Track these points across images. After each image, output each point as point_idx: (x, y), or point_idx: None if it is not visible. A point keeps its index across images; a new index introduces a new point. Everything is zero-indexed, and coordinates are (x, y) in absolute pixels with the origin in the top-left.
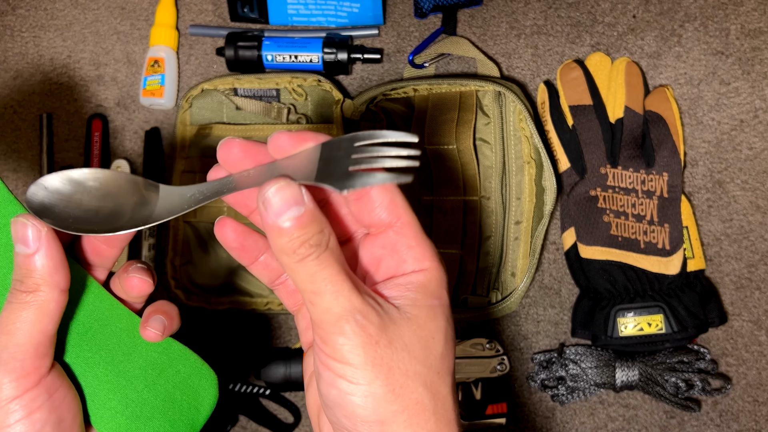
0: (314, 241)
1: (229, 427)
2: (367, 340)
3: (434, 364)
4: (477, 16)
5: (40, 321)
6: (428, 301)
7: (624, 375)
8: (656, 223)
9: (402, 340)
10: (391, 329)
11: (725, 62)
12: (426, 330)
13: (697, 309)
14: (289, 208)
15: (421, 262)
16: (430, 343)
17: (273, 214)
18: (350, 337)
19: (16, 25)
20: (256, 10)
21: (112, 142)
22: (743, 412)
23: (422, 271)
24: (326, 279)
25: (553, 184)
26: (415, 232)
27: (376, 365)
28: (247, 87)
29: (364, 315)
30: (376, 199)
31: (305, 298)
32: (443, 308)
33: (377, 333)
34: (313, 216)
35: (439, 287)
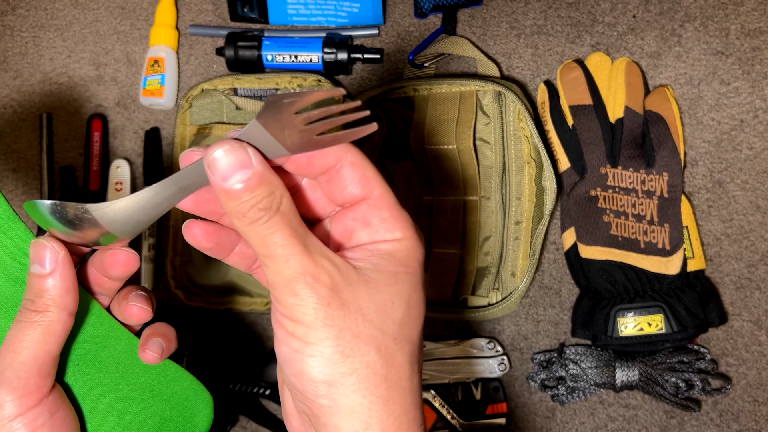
0: (264, 204)
1: (229, 427)
2: (318, 301)
3: (390, 329)
4: (477, 16)
5: (46, 341)
6: (392, 268)
7: (624, 375)
8: (656, 223)
9: (356, 302)
10: (345, 291)
11: (725, 62)
12: (384, 294)
13: (697, 309)
14: (236, 171)
15: (393, 233)
16: (387, 307)
17: (220, 177)
18: (301, 298)
19: (16, 24)
20: (256, 10)
21: (111, 142)
22: (743, 412)
23: (393, 241)
24: (277, 243)
25: (553, 184)
26: (389, 204)
27: (326, 326)
28: (247, 87)
29: (315, 277)
30: (347, 176)
31: (260, 260)
32: (409, 276)
33: (329, 294)
34: (261, 178)
35: (409, 257)
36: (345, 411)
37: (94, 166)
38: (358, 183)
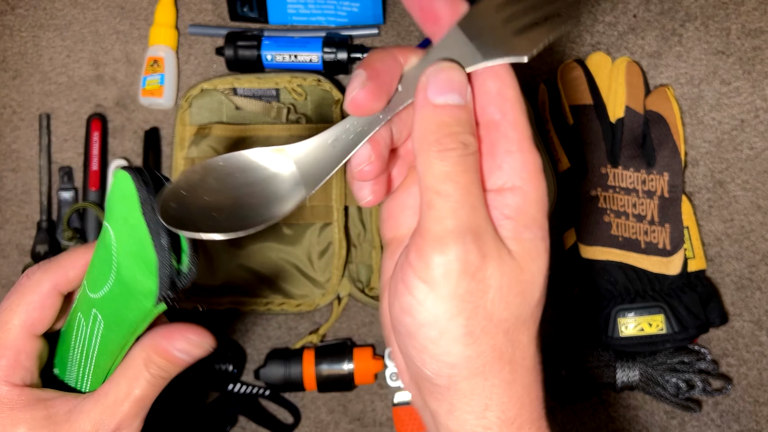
0: (463, 138)
1: (228, 427)
2: (465, 269)
3: (524, 312)
4: None
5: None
6: (528, 233)
7: (624, 375)
8: (657, 223)
9: (500, 280)
10: (493, 265)
11: (726, 62)
12: (527, 274)
13: (697, 309)
14: (452, 91)
15: (519, 174)
16: (527, 289)
17: (432, 91)
18: (450, 260)
19: (16, 24)
20: (255, 9)
21: (111, 141)
22: (744, 413)
23: (518, 189)
24: (459, 184)
25: (553, 184)
26: (521, 135)
27: (463, 300)
28: (246, 87)
29: (475, 240)
30: (484, 89)
31: (424, 197)
32: (544, 241)
33: (478, 265)
34: (470, 114)
35: (539, 212)
36: (464, 393)
37: (93, 166)
38: (493, 100)
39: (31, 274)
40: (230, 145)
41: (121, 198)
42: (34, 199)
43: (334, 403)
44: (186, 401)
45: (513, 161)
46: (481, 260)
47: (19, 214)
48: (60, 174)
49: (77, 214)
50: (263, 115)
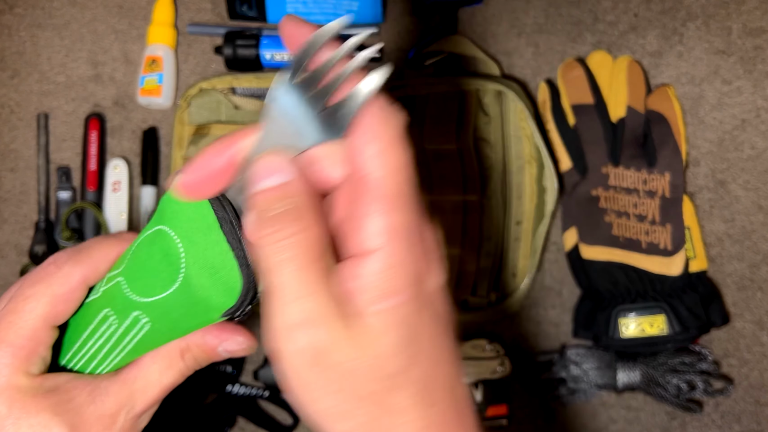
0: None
1: (227, 429)
2: (315, 360)
3: (391, 383)
4: (477, 15)
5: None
6: (382, 304)
7: (625, 376)
8: (658, 223)
9: (354, 361)
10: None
11: (727, 61)
12: (381, 346)
13: (698, 310)
14: (269, 174)
15: (376, 237)
16: (387, 362)
17: (251, 180)
18: (299, 354)
19: (14, 23)
20: (254, 8)
21: (109, 141)
22: (745, 414)
23: (373, 254)
24: (289, 274)
25: (554, 184)
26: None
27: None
28: (245, 86)
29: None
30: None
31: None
32: (402, 308)
33: (326, 352)
34: (291, 189)
35: (395, 278)
36: None
37: (91, 166)
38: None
39: (62, 264)
40: None
41: (192, 208)
42: (32, 199)
43: None
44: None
45: (374, 223)
46: (328, 347)
47: (17, 214)
48: (58, 174)
49: (75, 214)
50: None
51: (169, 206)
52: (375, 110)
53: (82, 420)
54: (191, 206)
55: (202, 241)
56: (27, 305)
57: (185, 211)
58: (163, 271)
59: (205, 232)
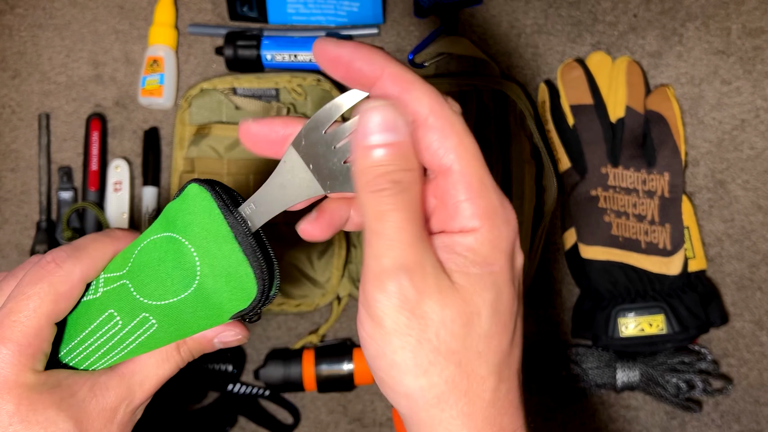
0: (395, 177)
1: (228, 428)
2: (402, 306)
3: (474, 343)
4: (477, 15)
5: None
6: (476, 269)
7: (625, 376)
8: (657, 223)
9: (440, 313)
10: (432, 299)
11: (726, 61)
12: (470, 305)
13: (698, 309)
14: (381, 131)
15: (471, 220)
16: (473, 320)
17: (362, 134)
18: (388, 297)
19: (15, 24)
20: (255, 9)
21: (110, 141)
22: (744, 413)
23: (472, 231)
24: (391, 222)
25: (553, 184)
26: (468, 182)
27: (405, 335)
28: (246, 86)
29: (410, 276)
30: (427, 140)
31: (365, 236)
32: (494, 277)
33: (416, 300)
34: (404, 150)
35: (493, 250)
36: (424, 423)
37: (92, 166)
38: (435, 150)
39: (62, 262)
40: (230, 145)
41: (206, 219)
42: (34, 199)
43: (333, 403)
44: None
45: (466, 209)
46: (418, 295)
47: (18, 213)
48: (59, 174)
49: (76, 213)
50: (263, 114)
51: (180, 216)
52: (437, 107)
53: (85, 415)
54: (204, 217)
55: (218, 251)
56: (30, 303)
57: (199, 222)
58: (176, 277)
59: (220, 242)
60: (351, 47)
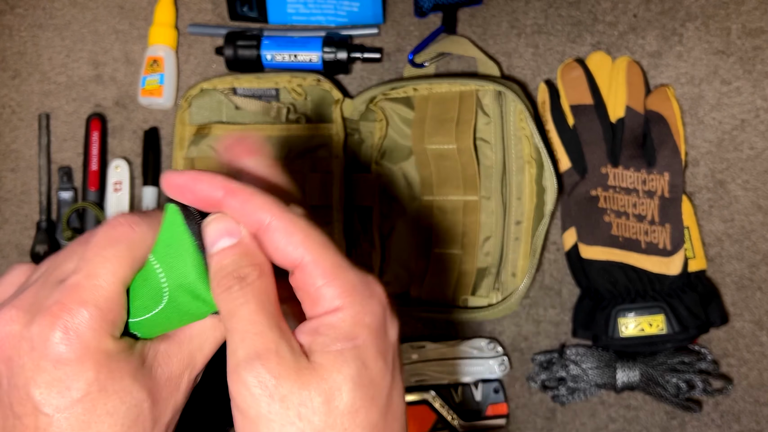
0: (241, 272)
1: (228, 428)
2: (262, 393)
3: (338, 420)
4: (477, 15)
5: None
6: (338, 345)
7: (625, 375)
8: (657, 223)
9: (299, 393)
10: (290, 380)
11: (726, 61)
12: (329, 381)
13: (698, 309)
14: (221, 237)
15: (333, 301)
16: (333, 396)
17: (207, 245)
18: (246, 387)
19: (15, 24)
20: (255, 9)
21: (110, 141)
22: (744, 413)
23: (334, 311)
24: (241, 316)
25: (553, 184)
26: (323, 269)
27: (268, 421)
28: (246, 86)
29: (264, 363)
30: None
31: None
32: (357, 350)
33: (273, 385)
34: (244, 249)
35: (355, 326)
36: None
37: (93, 166)
38: (284, 248)
39: (135, 225)
40: None
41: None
42: (34, 199)
43: None
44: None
45: (326, 292)
46: (275, 380)
47: (18, 213)
48: (59, 174)
49: (77, 213)
50: (263, 114)
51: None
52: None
53: (155, 384)
54: (169, 232)
55: (181, 266)
56: (109, 266)
57: (163, 238)
58: (148, 295)
59: (184, 256)
60: (191, 174)
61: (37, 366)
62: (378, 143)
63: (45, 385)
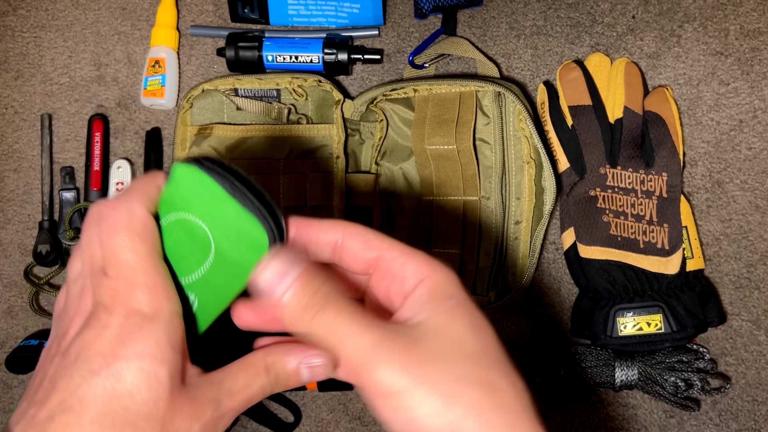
0: (316, 299)
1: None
2: (404, 364)
3: (477, 362)
4: (477, 17)
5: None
6: (442, 306)
7: (623, 374)
8: (655, 223)
9: (435, 352)
10: (420, 347)
11: (724, 63)
12: (451, 335)
13: (696, 309)
14: (280, 280)
15: (419, 271)
16: (462, 345)
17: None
18: (387, 367)
19: (17, 25)
20: (256, 10)
21: (112, 142)
22: (742, 412)
23: (424, 280)
24: (342, 326)
25: (552, 184)
26: (400, 251)
27: (422, 383)
28: (247, 87)
29: (388, 344)
30: (352, 247)
31: (334, 354)
32: (460, 306)
33: (409, 355)
34: (307, 277)
35: (449, 286)
36: None
37: (95, 167)
38: (364, 249)
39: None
40: (231, 145)
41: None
42: (36, 199)
43: (334, 402)
44: None
45: (409, 269)
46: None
47: (20, 214)
48: (62, 174)
49: (79, 213)
50: (264, 115)
51: (177, 196)
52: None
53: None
54: (198, 187)
55: (219, 213)
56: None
57: (195, 194)
58: (195, 251)
59: (219, 204)
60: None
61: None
62: (378, 144)
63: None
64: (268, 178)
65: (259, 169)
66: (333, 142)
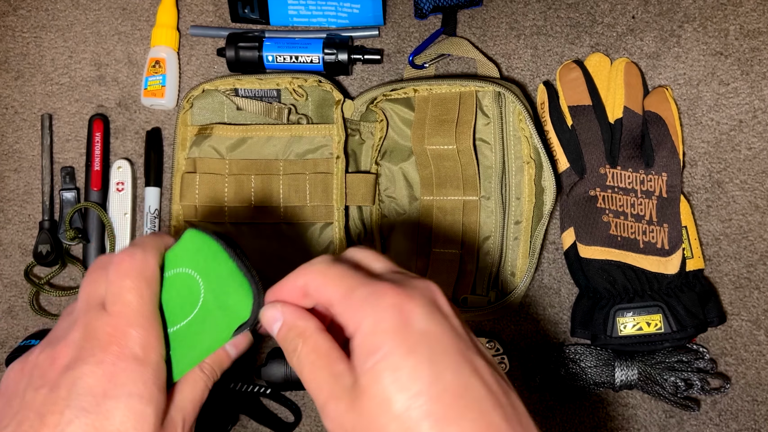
0: (295, 335)
1: (229, 426)
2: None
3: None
4: (477, 17)
5: None
6: (366, 364)
7: (623, 374)
8: (655, 223)
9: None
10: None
11: (724, 63)
12: (378, 396)
13: (696, 309)
14: (273, 322)
15: (352, 321)
16: (386, 406)
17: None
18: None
19: (18, 25)
20: (256, 10)
21: (113, 142)
22: (742, 412)
23: (355, 333)
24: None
25: (552, 184)
26: (341, 296)
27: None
28: (247, 87)
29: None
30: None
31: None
32: (386, 358)
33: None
34: (289, 323)
35: (375, 337)
36: None
37: (95, 167)
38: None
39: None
40: (232, 145)
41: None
42: (36, 199)
43: None
44: None
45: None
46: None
47: (21, 214)
48: (62, 174)
49: (79, 213)
50: (264, 115)
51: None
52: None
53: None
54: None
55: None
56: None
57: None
58: (185, 304)
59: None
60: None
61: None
62: (378, 144)
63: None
64: (268, 178)
65: (259, 169)
66: (333, 142)
